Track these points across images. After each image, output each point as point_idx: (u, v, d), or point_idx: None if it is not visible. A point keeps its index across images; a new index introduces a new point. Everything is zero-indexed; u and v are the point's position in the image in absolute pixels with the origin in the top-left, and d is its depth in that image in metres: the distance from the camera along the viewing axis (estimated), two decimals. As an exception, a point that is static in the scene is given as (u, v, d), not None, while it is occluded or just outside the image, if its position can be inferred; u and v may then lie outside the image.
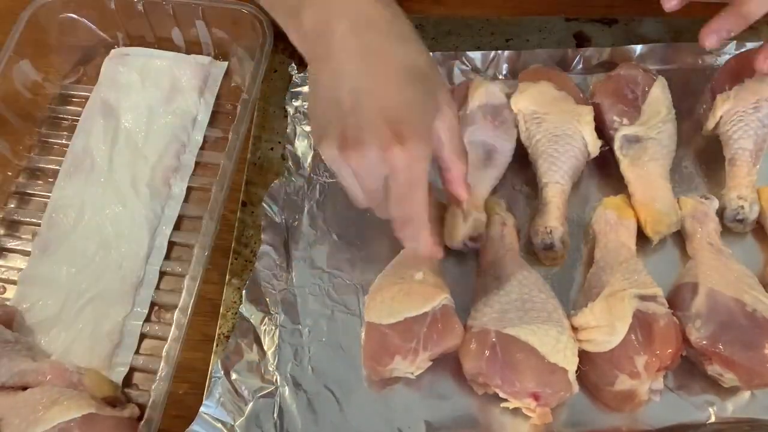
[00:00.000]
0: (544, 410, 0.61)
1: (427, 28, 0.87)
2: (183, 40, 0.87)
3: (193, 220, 0.77)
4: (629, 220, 0.70)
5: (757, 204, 0.70)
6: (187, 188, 0.79)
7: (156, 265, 0.75)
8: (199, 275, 0.68)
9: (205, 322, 0.71)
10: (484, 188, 0.73)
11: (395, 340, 0.63)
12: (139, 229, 0.76)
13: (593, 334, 0.62)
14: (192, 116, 0.83)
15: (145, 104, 0.83)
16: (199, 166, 0.81)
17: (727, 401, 0.64)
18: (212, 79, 0.86)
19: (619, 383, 0.61)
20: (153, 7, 0.84)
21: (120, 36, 0.88)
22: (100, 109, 0.83)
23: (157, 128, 0.82)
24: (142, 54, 0.86)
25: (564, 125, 0.73)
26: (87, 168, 0.80)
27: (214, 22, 0.84)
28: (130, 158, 0.80)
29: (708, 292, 0.63)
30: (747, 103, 0.72)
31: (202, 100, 0.84)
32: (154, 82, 0.84)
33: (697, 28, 0.83)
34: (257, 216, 0.75)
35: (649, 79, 0.75)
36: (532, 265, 0.69)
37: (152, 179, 0.79)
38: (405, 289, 0.65)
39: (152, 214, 0.77)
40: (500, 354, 0.61)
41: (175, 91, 0.84)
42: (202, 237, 0.71)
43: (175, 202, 0.78)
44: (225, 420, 0.64)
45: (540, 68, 0.79)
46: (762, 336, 0.60)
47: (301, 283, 0.72)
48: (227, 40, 0.86)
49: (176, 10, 0.84)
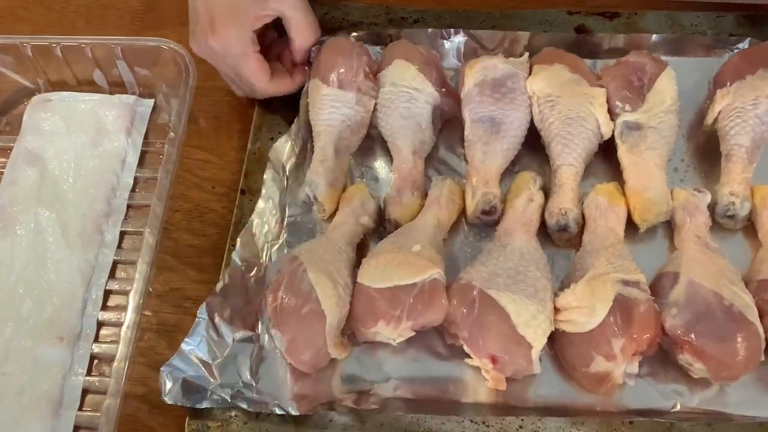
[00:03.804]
0: (498, 375, 0.64)
1: (428, 21, 0.87)
2: (106, 82, 0.85)
3: (129, 266, 0.75)
4: (619, 206, 0.71)
5: (749, 201, 0.71)
6: (120, 233, 0.77)
7: (93, 317, 0.72)
8: (136, 324, 0.67)
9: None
10: (494, 163, 0.74)
11: (381, 304, 0.65)
12: (72, 280, 0.73)
13: (573, 315, 0.64)
14: (121, 158, 0.81)
15: (71, 150, 0.80)
16: (132, 208, 0.79)
17: (695, 393, 0.65)
18: (139, 118, 0.84)
19: (595, 365, 0.63)
20: (71, 51, 0.82)
21: (41, 82, 0.85)
22: (24, 159, 0.80)
23: (85, 173, 0.79)
24: (65, 98, 0.84)
25: (577, 107, 0.74)
26: (15, 222, 0.76)
27: (135, 60, 0.82)
28: (60, 207, 0.77)
29: (688, 283, 0.64)
30: (746, 100, 0.72)
31: (130, 141, 0.82)
32: (79, 126, 0.82)
33: (700, 21, 0.85)
34: (254, 203, 0.76)
35: (658, 68, 0.75)
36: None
37: (83, 228, 0.76)
38: (400, 258, 0.67)
39: (85, 264, 0.74)
40: (476, 310, 0.64)
41: (101, 134, 0.81)
42: (136, 284, 0.69)
43: (108, 250, 0.76)
44: (204, 358, 0.67)
45: (553, 51, 0.80)
46: (735, 330, 0.61)
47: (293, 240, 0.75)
48: (151, 77, 0.84)
49: (95, 52, 0.82)
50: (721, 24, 0.85)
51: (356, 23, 0.88)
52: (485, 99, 0.75)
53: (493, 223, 0.73)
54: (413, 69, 0.76)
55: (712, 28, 0.85)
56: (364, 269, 0.67)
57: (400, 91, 0.76)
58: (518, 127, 0.75)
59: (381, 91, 0.78)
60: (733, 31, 0.84)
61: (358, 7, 0.90)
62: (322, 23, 0.88)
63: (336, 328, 0.65)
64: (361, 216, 0.73)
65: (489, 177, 0.73)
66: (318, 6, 0.89)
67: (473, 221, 0.74)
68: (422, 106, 0.76)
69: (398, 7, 0.89)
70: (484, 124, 0.75)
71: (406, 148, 0.76)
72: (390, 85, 0.77)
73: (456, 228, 0.75)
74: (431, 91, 0.76)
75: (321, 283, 0.65)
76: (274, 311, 0.66)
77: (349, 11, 0.89)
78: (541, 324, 0.63)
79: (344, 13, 0.89)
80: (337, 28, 0.88)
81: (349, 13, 0.89)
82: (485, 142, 0.74)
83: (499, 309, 0.63)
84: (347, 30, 0.87)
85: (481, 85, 0.75)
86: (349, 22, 0.89)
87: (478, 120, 0.75)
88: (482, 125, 0.75)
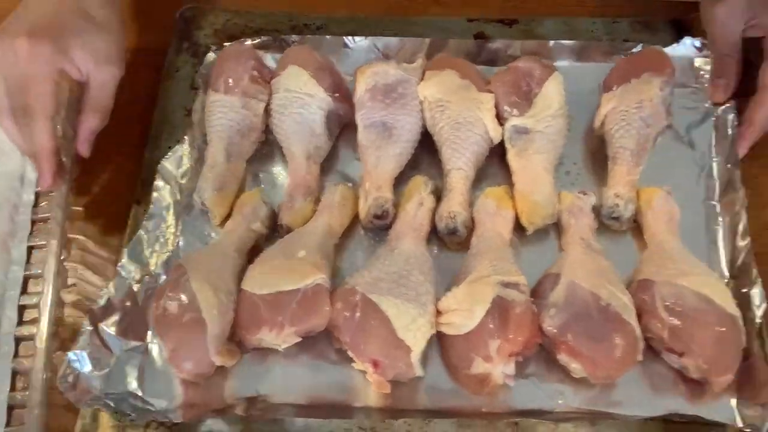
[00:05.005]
0: (380, 379, 0.64)
1: (331, 27, 0.88)
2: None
3: (40, 280, 0.74)
4: (507, 210, 0.72)
5: (633, 203, 0.72)
6: (27, 248, 0.76)
7: (10, 334, 0.71)
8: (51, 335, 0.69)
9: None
10: (387, 167, 0.75)
11: (264, 311, 0.65)
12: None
13: (453, 318, 0.64)
14: (19, 175, 0.80)
15: (-31, 173, 0.79)
16: (37, 222, 0.78)
17: (578, 392, 0.66)
18: None
19: (474, 366, 0.63)
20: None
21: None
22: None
23: (-15, 195, 0.78)
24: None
25: (466, 113, 0.75)
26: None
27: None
28: (-37, 230, 0.76)
29: (568, 284, 0.65)
30: (630, 103, 0.74)
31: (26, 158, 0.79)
32: (-26, 149, 0.80)
33: (596, 27, 0.87)
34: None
35: (546, 73, 0.76)
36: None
37: (-11, 246, 0.75)
38: (284, 264, 0.67)
39: (-4, 282, 0.73)
40: (358, 315, 0.64)
41: (-3, 155, 0.80)
42: (44, 296, 0.70)
43: (17, 266, 0.75)
44: (88, 368, 0.66)
45: (445, 57, 0.81)
46: (610, 329, 0.62)
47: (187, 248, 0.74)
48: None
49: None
50: (617, 30, 0.87)
51: (259, 30, 0.88)
52: (376, 104, 0.75)
53: (387, 228, 0.74)
54: (306, 75, 0.77)
55: (608, 34, 0.87)
56: (248, 276, 0.67)
57: (294, 97, 0.77)
58: (410, 132, 0.76)
59: (275, 97, 0.78)
60: (628, 37, 0.86)
61: (261, 14, 0.90)
62: (225, 30, 0.88)
63: (219, 335, 0.65)
64: (252, 222, 0.73)
65: (382, 181, 0.74)
66: (221, 13, 0.90)
67: (366, 226, 0.74)
68: (315, 112, 0.76)
69: (301, 14, 0.90)
70: (376, 128, 0.75)
71: (299, 153, 0.76)
72: (284, 90, 0.77)
73: (355, 233, 0.76)
74: (324, 96, 0.76)
75: (203, 291, 0.65)
76: (156, 320, 0.65)
77: (252, 18, 0.89)
78: (421, 327, 0.63)
79: (247, 19, 0.89)
80: (239, 35, 0.88)
81: (252, 20, 0.89)
82: (378, 147, 0.75)
83: (380, 313, 0.63)
84: (250, 37, 0.86)
85: (373, 90, 0.76)
86: (252, 29, 0.89)
87: (370, 125, 0.75)
88: (374, 130, 0.75)
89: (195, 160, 0.78)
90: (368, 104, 0.75)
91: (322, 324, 0.66)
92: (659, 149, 0.77)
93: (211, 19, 0.89)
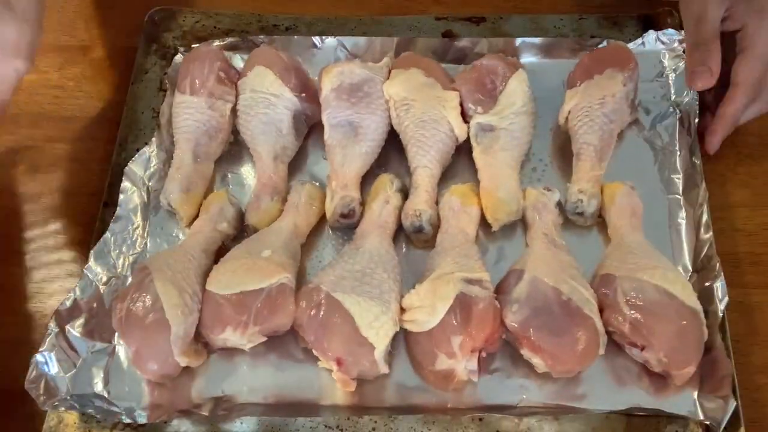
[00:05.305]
0: (344, 377, 0.64)
1: (299, 28, 0.88)
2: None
3: None
4: (472, 207, 0.72)
5: (597, 198, 0.72)
6: None
7: None
8: None
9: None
10: (353, 166, 0.75)
11: (228, 311, 0.65)
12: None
13: (416, 315, 0.64)
14: None
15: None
16: None
17: (541, 387, 0.66)
18: None
19: (438, 363, 0.64)
20: None
21: None
22: None
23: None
24: None
25: (431, 111, 0.75)
26: None
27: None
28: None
29: (531, 279, 0.65)
30: (593, 99, 0.74)
31: None
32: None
33: (563, 24, 0.87)
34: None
35: (510, 70, 0.77)
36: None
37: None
38: (249, 264, 0.67)
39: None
40: (322, 313, 0.64)
41: None
42: None
43: None
44: (54, 370, 0.66)
45: (411, 56, 0.81)
46: (570, 324, 0.63)
47: (154, 250, 0.74)
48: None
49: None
50: (584, 26, 0.87)
51: (228, 31, 0.88)
52: (342, 103, 0.75)
53: (354, 227, 0.74)
54: (271, 75, 0.77)
55: (575, 30, 0.87)
56: (213, 276, 0.67)
57: (260, 97, 0.77)
58: (376, 131, 0.76)
59: (241, 98, 0.78)
60: (595, 33, 0.86)
61: (229, 15, 0.90)
62: (194, 32, 0.88)
63: (183, 336, 0.65)
64: (219, 223, 0.73)
65: (348, 180, 0.74)
66: (189, 14, 0.90)
67: (333, 225, 0.74)
68: (282, 112, 0.77)
69: (270, 15, 0.90)
70: (342, 128, 0.75)
71: (266, 153, 0.76)
72: (250, 91, 0.77)
73: (322, 232, 0.76)
74: (290, 96, 0.77)
75: (167, 292, 0.65)
76: (119, 322, 0.65)
77: (221, 19, 0.90)
78: (384, 325, 0.63)
79: (216, 20, 0.89)
80: (208, 36, 0.88)
81: (221, 21, 0.89)
82: (344, 146, 0.75)
83: (343, 311, 0.64)
84: (219, 38, 0.86)
85: (338, 90, 0.76)
86: (221, 30, 0.89)
87: (336, 124, 0.75)
88: (341, 129, 0.75)
89: (163, 161, 0.78)
90: (334, 104, 0.75)
91: (286, 323, 0.66)
92: (624, 144, 0.77)
93: (180, 20, 0.89)
